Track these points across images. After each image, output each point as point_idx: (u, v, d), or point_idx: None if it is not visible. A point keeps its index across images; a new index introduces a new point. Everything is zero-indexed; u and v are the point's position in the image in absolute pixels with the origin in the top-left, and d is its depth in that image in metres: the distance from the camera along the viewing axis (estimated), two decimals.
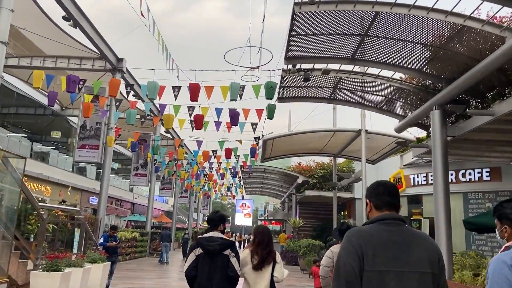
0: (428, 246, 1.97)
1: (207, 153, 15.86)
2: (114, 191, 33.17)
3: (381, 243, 1.91)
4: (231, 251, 3.88)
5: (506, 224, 2.35)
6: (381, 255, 1.87)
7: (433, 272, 1.91)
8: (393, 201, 2.13)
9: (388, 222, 2.02)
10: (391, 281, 1.83)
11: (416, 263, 1.88)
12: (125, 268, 15.57)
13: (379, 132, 14.67)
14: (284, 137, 15.13)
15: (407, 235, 1.99)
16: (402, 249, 1.90)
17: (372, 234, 1.96)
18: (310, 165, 24.35)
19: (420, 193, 18.78)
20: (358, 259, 1.87)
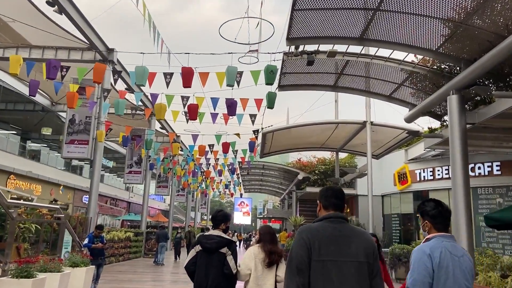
0: (364, 240, 2.35)
1: (203, 148, 15.02)
2: (109, 190, 32.32)
3: (326, 237, 2.30)
4: (228, 249, 4.03)
5: (426, 220, 2.74)
6: (325, 247, 2.26)
7: (368, 261, 2.29)
8: (338, 203, 2.49)
9: (332, 220, 2.40)
10: (333, 268, 2.23)
11: (354, 254, 2.27)
12: (117, 270, 14.73)
13: (385, 124, 13.85)
14: (285, 130, 14.31)
15: (348, 231, 2.37)
16: (343, 242, 2.29)
17: (318, 229, 2.35)
18: (311, 161, 23.55)
19: (427, 189, 17.99)
20: (307, 250, 2.25)
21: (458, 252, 2.56)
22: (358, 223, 21.03)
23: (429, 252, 2.49)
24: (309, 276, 2.24)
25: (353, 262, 2.27)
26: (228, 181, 29.04)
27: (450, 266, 2.45)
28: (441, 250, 2.51)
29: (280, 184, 30.07)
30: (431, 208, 2.78)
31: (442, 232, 2.66)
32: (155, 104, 10.00)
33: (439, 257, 2.47)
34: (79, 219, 13.32)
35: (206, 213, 54.02)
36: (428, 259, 2.46)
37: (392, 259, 13.98)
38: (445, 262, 2.46)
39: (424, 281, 2.42)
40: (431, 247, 2.54)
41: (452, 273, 2.44)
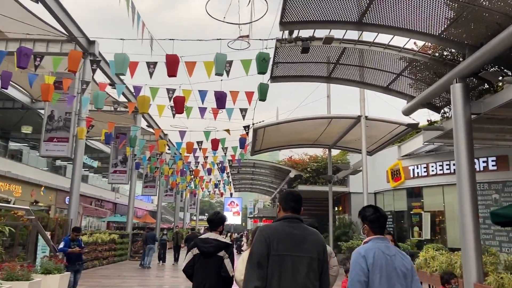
0: (316, 239, 2.73)
1: (191, 145, 14.33)
2: (94, 191, 31.38)
3: (283, 235, 2.66)
4: (225, 252, 4.10)
5: (366, 224, 2.99)
6: (283, 243, 2.62)
7: (319, 258, 2.66)
8: (296, 206, 2.86)
9: (289, 220, 2.77)
10: (289, 262, 2.58)
11: (307, 250, 2.64)
12: (101, 274, 13.98)
13: (380, 118, 13.36)
14: (277, 126, 13.72)
15: (302, 230, 2.73)
16: (298, 240, 2.66)
17: (277, 228, 2.72)
18: (303, 158, 23.01)
19: (420, 185, 17.61)
20: (266, 246, 2.60)
21: (391, 252, 2.80)
22: (351, 221, 20.58)
23: (364, 253, 2.76)
24: (267, 268, 2.54)
25: (306, 257, 2.59)
26: (217, 180, 28.37)
27: (383, 265, 2.70)
28: (374, 251, 2.77)
29: (271, 183, 29.51)
30: (370, 213, 2.99)
31: (378, 235, 2.93)
32: (138, 97, 9.31)
33: (373, 257, 2.73)
34: (58, 221, 12.54)
35: (196, 213, 53.22)
36: (363, 260, 2.73)
37: None
38: (378, 261, 2.71)
39: (360, 280, 2.67)
40: (366, 249, 2.81)
41: (386, 271, 2.69)
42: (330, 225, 17.42)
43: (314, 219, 5.48)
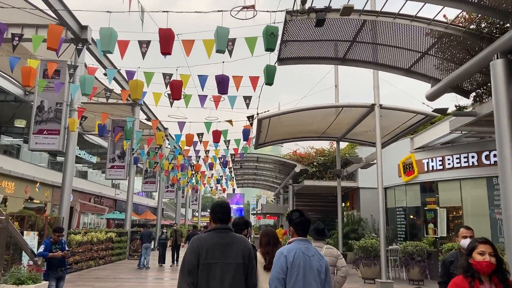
0: (242, 245, 3.03)
1: (191, 137, 13.33)
2: (93, 187, 30.47)
3: (211, 245, 2.95)
4: None
5: (291, 226, 3.37)
6: (211, 253, 2.91)
7: (244, 262, 2.98)
8: (224, 217, 3.11)
9: (218, 231, 3.05)
10: (217, 269, 2.87)
11: (234, 257, 2.95)
12: (95, 275, 13.05)
13: (395, 107, 12.31)
14: (284, 115, 12.68)
15: (230, 239, 3.03)
16: (225, 248, 2.96)
17: (206, 239, 3.00)
18: (309, 152, 21.97)
19: (435, 180, 16.56)
20: (196, 256, 2.89)
21: (310, 253, 3.19)
22: (360, 217, 19.59)
23: (286, 253, 3.16)
24: (197, 276, 2.87)
25: (232, 263, 2.94)
26: (220, 176, 27.39)
27: (301, 264, 3.10)
28: (295, 251, 3.15)
29: (275, 178, 28.50)
30: (296, 217, 3.37)
31: (301, 237, 3.29)
32: (130, 81, 8.29)
33: (293, 257, 3.12)
34: (48, 219, 11.58)
35: (198, 210, 52.35)
36: (284, 259, 3.12)
37: (404, 258, 12.51)
38: (297, 261, 3.11)
39: (278, 277, 3.07)
40: (288, 249, 3.20)
41: (303, 269, 3.08)
42: (339, 222, 16.41)
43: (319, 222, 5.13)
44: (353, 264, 12.97)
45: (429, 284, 12.19)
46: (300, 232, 3.32)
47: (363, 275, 12.46)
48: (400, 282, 12.33)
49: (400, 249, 12.87)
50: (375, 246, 12.51)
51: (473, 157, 14.97)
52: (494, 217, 14.13)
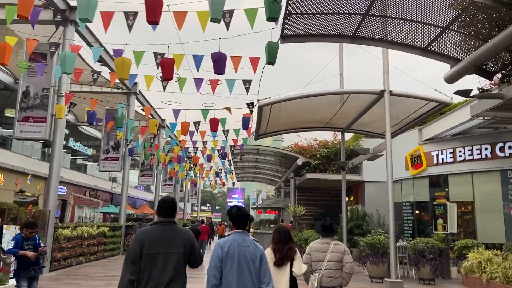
0: (184, 236, 3.35)
1: (187, 125, 12.46)
2: (88, 180, 29.69)
3: (155, 236, 3.24)
4: None
5: (231, 220, 3.63)
6: (154, 244, 3.20)
7: (185, 252, 3.30)
8: (168, 212, 3.42)
9: (163, 224, 3.36)
10: (159, 259, 3.16)
11: (175, 247, 3.26)
12: (84, 272, 12.27)
13: (407, 94, 11.42)
14: (286, 102, 11.80)
15: (173, 231, 3.34)
16: (168, 239, 3.26)
17: (151, 231, 3.30)
18: (311, 144, 21.14)
19: (445, 173, 15.74)
20: (140, 247, 3.16)
21: (246, 244, 3.44)
22: (365, 212, 18.78)
23: (222, 244, 3.40)
24: (141, 265, 3.13)
25: (174, 253, 3.23)
26: (219, 169, 26.56)
27: (236, 254, 3.34)
28: (231, 243, 3.40)
29: (275, 172, 27.68)
30: (233, 212, 3.63)
31: (239, 230, 3.55)
32: (115, 59, 7.43)
33: (228, 247, 3.36)
34: (32, 212, 10.76)
35: (197, 204, 51.62)
36: (220, 249, 3.36)
37: (414, 256, 11.69)
38: (232, 251, 3.35)
39: (216, 265, 3.31)
40: (225, 240, 3.45)
41: (237, 259, 3.32)
42: (343, 217, 15.59)
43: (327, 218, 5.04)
44: (359, 262, 12.16)
45: (440, 284, 11.39)
46: (238, 226, 3.59)
47: (370, 274, 11.66)
48: (409, 281, 11.52)
49: (410, 246, 12.03)
50: (383, 242, 11.70)
51: (486, 149, 14.12)
52: (508, 212, 13.32)
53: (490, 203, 13.99)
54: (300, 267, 4.36)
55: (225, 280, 3.27)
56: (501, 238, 13.23)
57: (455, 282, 11.82)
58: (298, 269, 4.33)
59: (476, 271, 6.68)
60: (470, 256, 7.05)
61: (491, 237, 13.46)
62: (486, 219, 14.03)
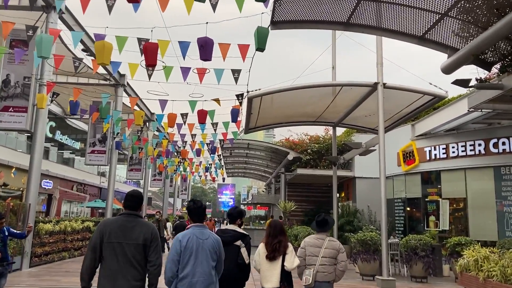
0: (145, 229, 3.47)
1: (174, 117, 12.02)
2: (76, 174, 29.11)
3: (115, 226, 3.44)
4: (242, 242, 4.45)
5: (188, 214, 3.93)
6: (114, 234, 3.40)
7: (145, 243, 3.43)
8: (131, 204, 3.59)
9: (125, 215, 3.54)
10: (118, 248, 3.35)
11: (135, 238, 3.41)
12: (66, 268, 11.83)
13: (401, 87, 11.13)
14: (277, 94, 11.43)
15: (134, 222, 3.48)
16: (128, 230, 3.43)
17: (112, 221, 3.53)
18: (303, 139, 20.81)
19: (438, 169, 15.53)
20: (100, 236, 3.40)
21: (204, 236, 3.65)
22: (356, 209, 18.51)
23: (181, 238, 3.62)
24: (102, 252, 3.38)
25: (133, 243, 3.39)
26: (208, 164, 26.11)
27: (194, 247, 3.55)
28: (189, 236, 3.61)
29: (266, 167, 27.35)
30: (190, 205, 3.87)
31: (197, 223, 3.78)
32: (95, 43, 6.98)
33: (186, 241, 3.58)
34: (11, 206, 10.27)
35: (187, 199, 51.13)
36: (178, 243, 3.58)
37: (407, 253, 11.43)
38: (190, 244, 3.56)
39: (174, 259, 3.53)
40: (183, 234, 3.67)
41: (195, 251, 3.54)
42: (334, 213, 15.31)
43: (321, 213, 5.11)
44: (350, 259, 11.87)
45: (433, 282, 11.16)
46: (195, 218, 3.81)
47: (361, 271, 11.38)
48: (401, 279, 11.26)
49: (402, 243, 11.77)
50: (375, 239, 11.42)
51: (479, 145, 13.92)
52: (501, 209, 13.14)
53: (483, 200, 13.80)
54: (292, 261, 4.36)
55: (184, 271, 3.50)
56: (494, 235, 13.05)
57: (447, 280, 11.60)
58: (290, 263, 4.35)
59: (472, 269, 6.38)
60: (466, 254, 6.76)
61: (483, 235, 13.27)
62: (479, 216, 13.85)
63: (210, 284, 3.55)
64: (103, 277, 3.34)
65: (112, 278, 3.30)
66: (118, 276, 3.30)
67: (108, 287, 3.29)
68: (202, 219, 3.82)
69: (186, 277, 3.47)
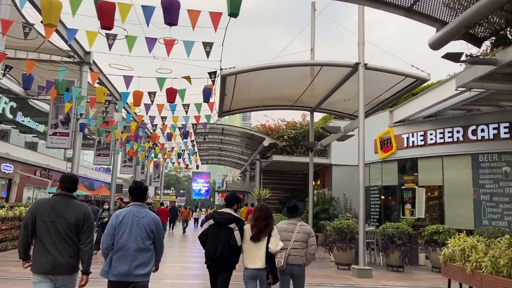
0: (78, 210, 3.70)
1: (140, 95, 11.07)
2: (40, 159, 27.56)
3: (49, 206, 3.65)
4: (236, 225, 4.72)
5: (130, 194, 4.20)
6: (47, 212, 3.62)
7: (78, 223, 3.66)
8: (67, 186, 3.78)
9: (60, 196, 3.75)
10: (50, 226, 3.59)
11: (67, 218, 3.63)
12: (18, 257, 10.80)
13: (383, 68, 10.58)
14: (252, 73, 10.66)
15: (67, 202, 3.71)
16: (60, 210, 3.65)
17: (46, 201, 3.74)
18: (279, 125, 20.18)
19: (415, 156, 15.22)
20: (33, 215, 3.63)
21: (141, 214, 3.94)
22: (332, 196, 18.14)
23: (118, 214, 3.93)
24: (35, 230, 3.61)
25: (65, 222, 3.61)
26: (181, 150, 25.14)
27: (129, 223, 3.85)
28: (126, 213, 3.93)
29: (241, 154, 26.65)
30: (132, 186, 4.12)
31: (136, 202, 4.05)
32: (41, 1, 5.99)
33: (123, 217, 3.89)
34: None
35: (160, 187, 49.91)
36: (115, 219, 3.90)
37: (383, 241, 11.04)
38: (126, 220, 3.87)
39: (109, 232, 3.86)
40: (121, 211, 3.96)
41: (130, 227, 3.84)
42: (309, 200, 14.82)
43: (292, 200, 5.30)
44: (325, 248, 11.39)
45: (409, 271, 10.83)
46: (134, 198, 4.08)
47: (336, 260, 10.90)
48: (377, 268, 10.87)
49: (379, 231, 11.37)
50: (352, 227, 10.95)
51: (458, 132, 13.64)
52: (478, 198, 12.95)
53: (460, 188, 13.59)
54: (277, 244, 4.51)
55: (119, 244, 3.81)
56: (470, 224, 12.86)
57: (424, 269, 11.30)
58: (274, 245, 4.49)
59: (458, 260, 5.90)
60: (451, 243, 6.27)
61: (459, 223, 13.04)
62: (455, 205, 13.64)
63: (143, 258, 3.83)
64: (38, 251, 3.58)
65: (46, 253, 3.55)
66: (53, 252, 3.55)
67: (42, 260, 3.55)
68: (142, 199, 4.09)
69: (120, 250, 3.79)
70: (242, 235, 4.65)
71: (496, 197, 12.56)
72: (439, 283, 9.13)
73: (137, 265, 3.76)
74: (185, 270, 10.47)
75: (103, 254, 3.92)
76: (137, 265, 3.76)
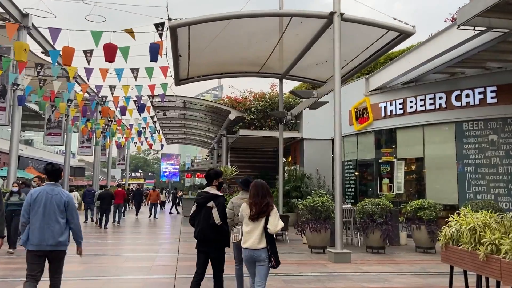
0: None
1: (70, 51, 9.04)
2: None
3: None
4: (214, 203, 4.64)
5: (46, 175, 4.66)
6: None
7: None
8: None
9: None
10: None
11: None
12: None
13: (362, 19, 8.98)
14: (209, 25, 8.80)
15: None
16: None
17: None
18: (246, 97, 18.48)
19: (394, 126, 13.96)
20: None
21: (54, 192, 4.33)
22: (304, 173, 16.79)
23: (32, 192, 4.34)
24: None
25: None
26: (141, 127, 23.08)
27: (43, 200, 4.27)
28: (40, 191, 4.32)
29: (208, 131, 24.85)
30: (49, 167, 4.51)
31: (49, 182, 4.45)
32: None
33: (37, 195, 4.29)
34: None
35: (125, 170, 47.55)
36: (30, 196, 4.31)
37: (362, 220, 9.72)
38: (40, 197, 4.28)
39: (25, 208, 4.28)
40: (35, 190, 4.38)
41: (44, 203, 4.26)
42: (280, 178, 13.38)
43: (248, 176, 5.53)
44: (296, 229, 10.00)
45: (391, 252, 9.61)
46: (51, 178, 4.47)
47: (309, 243, 9.52)
48: (354, 249, 9.55)
49: (358, 208, 10.04)
50: (327, 205, 9.55)
51: (441, 98, 12.42)
52: (462, 170, 11.85)
53: (442, 159, 12.48)
54: (276, 224, 4.19)
55: (33, 219, 4.27)
56: (453, 198, 11.80)
57: (407, 249, 10.15)
58: (274, 225, 4.18)
59: (464, 242, 4.52)
60: (455, 220, 4.89)
61: (441, 198, 11.91)
62: (437, 178, 12.54)
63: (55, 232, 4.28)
64: None
65: None
66: None
67: None
68: (57, 179, 4.49)
69: (34, 223, 4.25)
70: (224, 212, 4.69)
71: (482, 168, 11.49)
72: (426, 266, 7.92)
73: (51, 236, 4.24)
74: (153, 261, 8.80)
75: (20, 227, 4.39)
76: (51, 236, 4.24)
